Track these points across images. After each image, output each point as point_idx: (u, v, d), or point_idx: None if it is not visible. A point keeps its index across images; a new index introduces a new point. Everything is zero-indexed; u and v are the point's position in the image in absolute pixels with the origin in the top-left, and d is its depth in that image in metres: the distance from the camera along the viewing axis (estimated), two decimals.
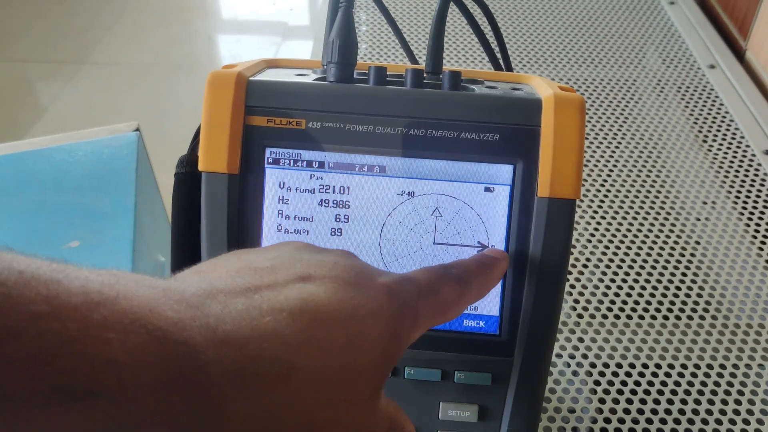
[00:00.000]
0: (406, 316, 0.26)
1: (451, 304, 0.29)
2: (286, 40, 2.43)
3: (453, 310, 0.29)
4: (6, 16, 2.52)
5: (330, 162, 0.35)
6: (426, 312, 0.27)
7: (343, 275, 0.25)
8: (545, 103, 0.34)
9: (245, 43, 2.42)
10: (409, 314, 0.26)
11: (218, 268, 0.25)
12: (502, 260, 0.33)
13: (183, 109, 2.08)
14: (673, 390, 0.50)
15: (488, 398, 0.35)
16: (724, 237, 0.62)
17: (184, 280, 0.23)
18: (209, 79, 0.34)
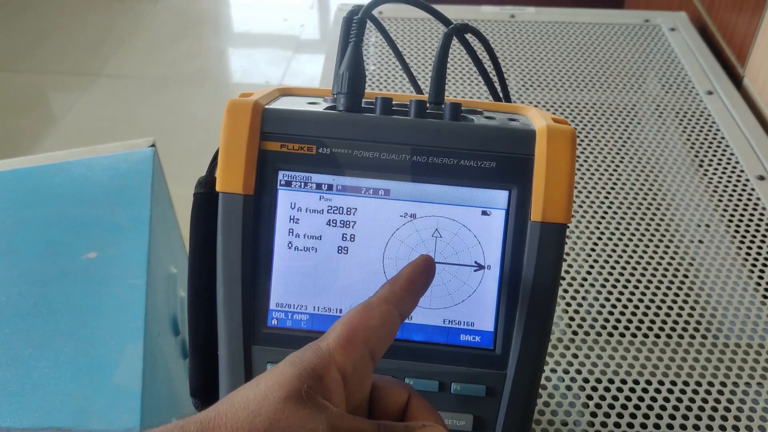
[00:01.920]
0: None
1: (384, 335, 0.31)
2: (297, 54, 2.47)
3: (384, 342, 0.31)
4: (23, 28, 2.57)
5: (338, 185, 0.37)
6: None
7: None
8: (539, 134, 0.36)
9: (257, 58, 2.46)
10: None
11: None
12: (427, 268, 0.34)
13: (195, 122, 2.12)
14: (662, 405, 0.52)
15: (482, 409, 0.38)
16: (717, 259, 0.64)
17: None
18: (228, 106, 0.37)
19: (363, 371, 0.30)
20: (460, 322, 0.38)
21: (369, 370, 0.30)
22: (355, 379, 0.29)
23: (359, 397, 0.31)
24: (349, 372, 0.29)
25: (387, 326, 0.31)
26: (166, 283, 0.72)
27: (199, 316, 0.39)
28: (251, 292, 0.38)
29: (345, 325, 0.30)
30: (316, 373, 0.28)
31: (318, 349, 0.29)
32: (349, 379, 0.29)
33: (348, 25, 0.40)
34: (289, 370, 0.28)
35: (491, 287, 0.37)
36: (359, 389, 0.30)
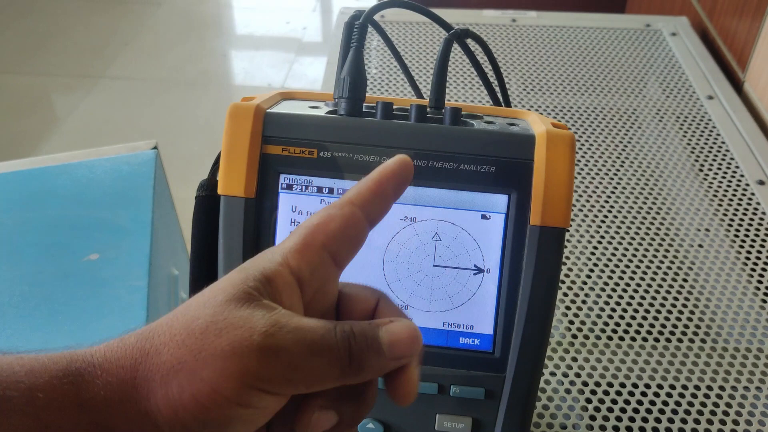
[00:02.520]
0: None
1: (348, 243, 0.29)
2: (299, 57, 2.48)
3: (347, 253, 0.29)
4: (27, 30, 2.58)
5: (339, 188, 0.38)
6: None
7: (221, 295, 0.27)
8: (538, 139, 0.37)
9: (259, 61, 2.47)
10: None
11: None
12: (396, 168, 0.30)
13: (197, 124, 2.12)
14: (661, 409, 0.52)
15: (481, 411, 0.38)
16: (716, 263, 0.64)
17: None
18: (230, 110, 0.37)
19: (324, 275, 0.28)
20: (460, 325, 0.38)
21: (332, 274, 0.28)
22: (315, 284, 0.28)
23: (324, 303, 0.29)
24: (305, 275, 0.27)
25: (350, 229, 0.28)
26: (167, 285, 0.73)
27: None
28: None
29: (303, 228, 0.28)
30: (265, 276, 0.26)
31: (271, 253, 0.28)
32: (307, 283, 0.27)
33: (349, 30, 0.40)
34: (235, 275, 0.27)
35: (490, 291, 0.38)
36: (322, 296, 0.28)
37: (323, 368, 0.25)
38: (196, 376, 0.24)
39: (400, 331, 0.27)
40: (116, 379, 0.24)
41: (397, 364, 0.27)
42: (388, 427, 0.38)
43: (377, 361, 0.26)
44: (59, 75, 2.37)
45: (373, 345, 0.26)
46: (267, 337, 0.24)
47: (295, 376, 0.25)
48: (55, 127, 2.13)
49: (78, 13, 2.69)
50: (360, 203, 0.29)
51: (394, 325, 0.27)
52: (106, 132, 2.09)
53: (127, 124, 2.14)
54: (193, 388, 0.24)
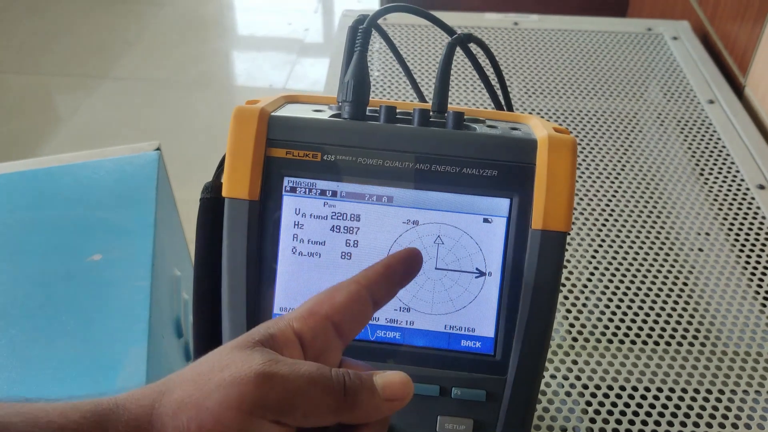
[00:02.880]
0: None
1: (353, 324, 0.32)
2: (300, 58, 2.48)
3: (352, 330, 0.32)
4: (29, 30, 2.59)
5: (342, 191, 0.38)
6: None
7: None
8: (540, 144, 0.37)
9: (261, 61, 2.47)
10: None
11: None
12: (412, 258, 0.34)
13: (199, 124, 2.13)
14: (661, 412, 0.52)
15: (482, 413, 0.38)
16: (716, 267, 0.65)
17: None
18: (235, 113, 0.38)
19: (326, 343, 0.30)
20: (461, 327, 0.38)
21: (334, 344, 0.31)
22: (316, 349, 0.30)
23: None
24: (307, 339, 0.30)
25: (354, 305, 0.31)
26: (170, 286, 0.73)
27: (204, 318, 0.40)
28: (256, 296, 0.38)
29: (311, 300, 0.31)
30: (268, 332, 0.29)
31: (278, 318, 0.31)
32: (308, 347, 0.30)
33: (353, 34, 0.41)
34: (243, 335, 0.30)
35: (492, 294, 0.38)
36: (324, 362, 0.30)
37: (318, 396, 0.27)
38: (202, 407, 0.26)
39: (393, 376, 0.29)
40: (136, 416, 0.27)
41: (390, 406, 0.29)
42: (390, 429, 0.39)
43: (371, 399, 0.28)
44: (62, 75, 2.37)
45: (368, 383, 0.29)
46: (264, 366, 0.27)
47: (291, 404, 0.27)
48: (57, 127, 2.13)
49: (81, 13, 2.69)
50: (366, 284, 0.32)
51: (386, 372, 0.30)
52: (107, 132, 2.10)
53: (128, 124, 2.14)
54: (199, 418, 0.26)
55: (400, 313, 0.39)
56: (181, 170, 1.24)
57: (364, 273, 0.32)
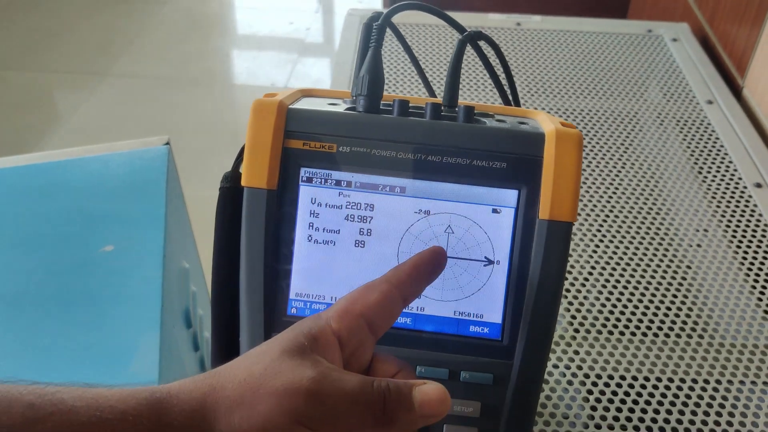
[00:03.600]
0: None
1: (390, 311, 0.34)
2: (302, 57, 2.49)
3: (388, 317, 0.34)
4: (32, 27, 2.60)
5: (357, 182, 0.39)
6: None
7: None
8: (548, 137, 0.38)
9: (262, 60, 2.48)
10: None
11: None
12: (437, 257, 0.36)
13: (201, 121, 2.14)
14: (660, 401, 0.54)
15: (490, 396, 0.40)
16: (714, 263, 0.66)
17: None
18: (254, 106, 0.39)
19: (360, 340, 0.32)
20: (470, 314, 0.40)
21: (368, 341, 0.33)
22: (352, 345, 0.32)
23: (359, 364, 0.33)
24: (344, 337, 0.32)
25: (386, 303, 0.33)
26: (179, 277, 0.74)
27: (223, 303, 0.41)
28: (273, 281, 0.40)
29: (345, 299, 0.33)
30: (312, 334, 0.31)
31: (317, 317, 0.32)
32: (345, 344, 0.32)
33: (368, 30, 0.42)
34: (287, 332, 0.32)
35: (500, 281, 0.40)
36: (358, 357, 0.33)
37: (359, 416, 0.29)
38: (254, 409, 0.28)
39: (432, 392, 0.31)
40: (189, 407, 0.28)
41: (425, 422, 0.31)
42: None
43: (408, 416, 0.30)
44: (64, 72, 2.38)
45: (406, 402, 0.30)
46: (314, 383, 0.29)
47: (334, 419, 0.29)
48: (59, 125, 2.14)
49: (83, 11, 2.70)
50: (396, 283, 0.34)
51: (426, 386, 0.31)
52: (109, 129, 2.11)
53: (130, 121, 2.15)
54: (252, 419, 0.28)
55: None
56: (182, 167, 1.25)
57: (393, 272, 0.34)
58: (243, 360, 0.31)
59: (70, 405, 0.27)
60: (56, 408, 0.27)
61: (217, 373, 0.30)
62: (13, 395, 0.27)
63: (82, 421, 0.27)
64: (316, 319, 0.32)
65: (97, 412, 0.27)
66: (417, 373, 0.40)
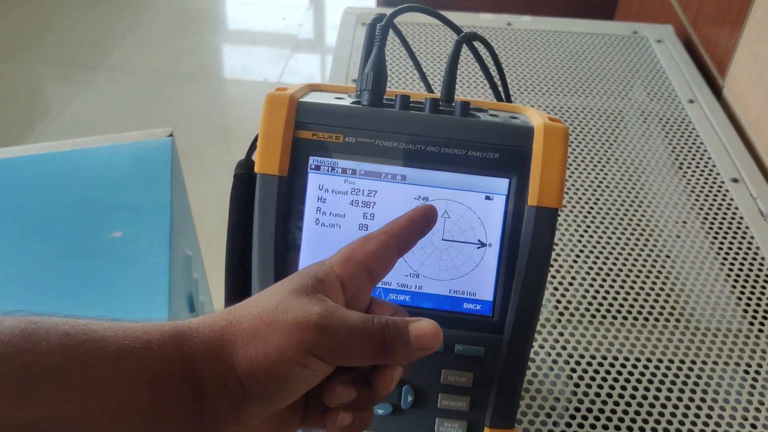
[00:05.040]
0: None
1: (383, 258, 0.37)
2: (294, 53, 2.52)
3: (384, 265, 0.37)
4: (25, 20, 2.61)
5: (361, 170, 0.43)
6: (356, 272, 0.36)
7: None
8: (536, 131, 0.42)
9: (256, 56, 2.51)
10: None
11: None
12: (428, 213, 0.40)
13: (194, 116, 2.16)
14: (638, 379, 0.58)
15: (481, 367, 0.43)
16: (692, 252, 0.70)
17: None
18: (267, 99, 0.42)
19: (360, 284, 0.36)
20: (464, 292, 0.43)
21: (367, 286, 0.36)
22: (353, 289, 0.36)
23: (359, 307, 0.36)
24: (346, 281, 0.35)
25: (383, 252, 0.37)
26: (183, 263, 0.78)
27: (235, 281, 0.44)
28: (282, 260, 0.43)
29: (347, 248, 0.37)
30: (317, 277, 0.35)
31: (322, 263, 0.36)
32: (347, 287, 0.35)
33: (372, 30, 0.45)
34: (295, 276, 0.35)
35: (492, 262, 0.43)
36: (358, 301, 0.36)
37: (362, 347, 0.33)
38: (269, 340, 0.31)
39: (426, 327, 0.35)
40: (209, 339, 0.32)
41: (421, 353, 0.35)
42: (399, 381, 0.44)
43: (404, 348, 0.34)
44: (57, 65, 2.40)
45: (403, 335, 0.34)
46: (322, 318, 0.32)
47: (341, 350, 0.32)
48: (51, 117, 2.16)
49: (76, 4, 2.72)
50: (393, 234, 0.37)
51: (421, 322, 0.35)
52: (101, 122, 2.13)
53: (122, 115, 2.17)
54: (266, 349, 0.31)
55: (410, 279, 0.44)
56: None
57: (390, 225, 0.38)
58: (256, 298, 0.34)
59: (101, 335, 0.30)
60: (89, 337, 0.30)
61: (233, 309, 0.33)
62: (50, 325, 0.30)
63: (112, 349, 0.29)
64: (321, 264, 0.36)
65: (125, 341, 0.30)
66: None
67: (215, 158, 1.98)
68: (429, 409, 0.43)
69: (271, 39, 2.63)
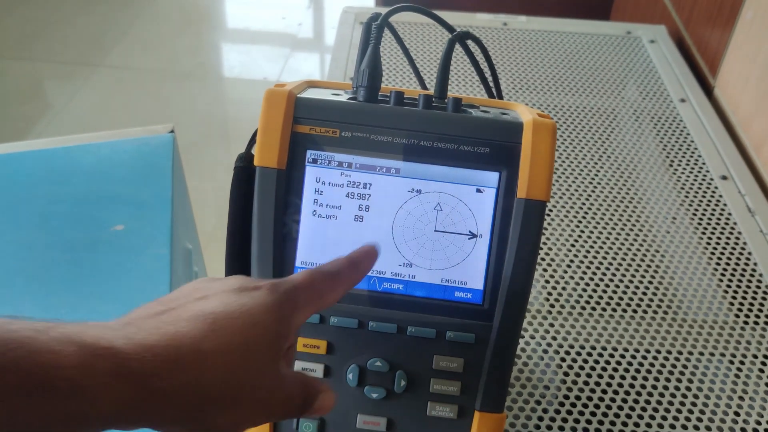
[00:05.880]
0: (285, 304, 0.34)
1: (326, 292, 0.37)
2: (294, 52, 2.54)
3: (329, 296, 0.37)
4: (27, 17, 2.62)
5: (357, 163, 0.45)
6: (304, 299, 0.36)
7: (229, 289, 0.34)
8: (526, 126, 0.44)
9: (255, 55, 2.52)
10: (288, 303, 0.35)
11: (137, 309, 0.34)
12: (370, 254, 0.40)
13: (194, 114, 2.18)
14: (626, 369, 0.59)
15: (472, 354, 0.45)
16: (680, 247, 0.72)
17: (108, 321, 0.32)
18: (266, 95, 0.44)
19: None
20: (455, 281, 0.45)
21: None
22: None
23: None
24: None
25: (328, 301, 0.38)
26: (184, 257, 0.79)
27: (235, 270, 0.46)
28: (281, 250, 0.45)
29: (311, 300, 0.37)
30: (297, 306, 0.35)
31: (294, 282, 0.37)
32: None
33: (368, 29, 0.47)
34: (268, 297, 0.35)
35: (482, 253, 0.45)
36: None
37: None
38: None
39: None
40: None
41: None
42: (393, 366, 0.45)
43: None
44: (57, 62, 2.41)
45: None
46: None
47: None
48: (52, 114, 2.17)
49: (78, 2, 2.73)
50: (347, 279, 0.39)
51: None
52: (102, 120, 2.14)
53: (123, 113, 2.19)
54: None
55: (404, 268, 0.45)
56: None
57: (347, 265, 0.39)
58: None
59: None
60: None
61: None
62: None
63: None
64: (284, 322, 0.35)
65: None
66: (408, 333, 0.45)
67: (214, 156, 1.99)
68: (421, 393, 0.45)
69: (270, 38, 2.65)
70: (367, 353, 0.45)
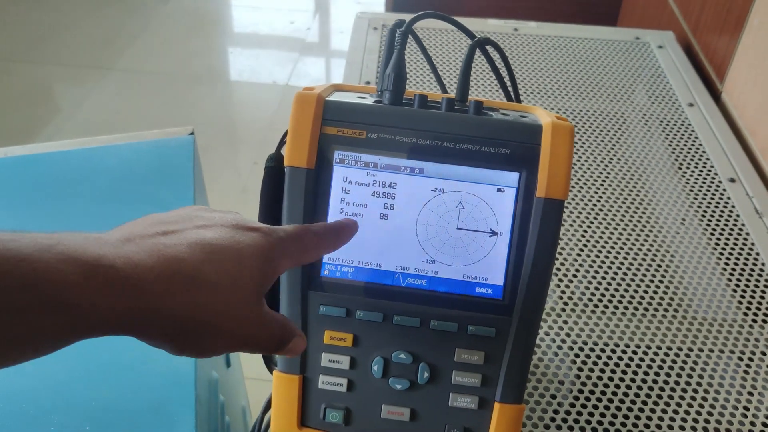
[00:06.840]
0: (274, 248, 0.37)
1: (309, 248, 0.40)
2: (302, 56, 2.56)
3: (311, 253, 0.41)
4: (39, 21, 2.65)
5: (382, 164, 0.46)
6: (290, 249, 0.39)
7: (228, 224, 0.37)
8: (545, 129, 0.46)
9: (264, 59, 2.55)
10: (278, 248, 0.38)
11: (136, 224, 0.36)
12: (350, 227, 0.44)
13: (203, 117, 2.20)
14: (638, 365, 0.61)
15: (492, 347, 0.47)
16: (689, 248, 0.74)
17: (110, 233, 0.34)
18: (296, 98, 0.46)
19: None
20: (477, 277, 0.47)
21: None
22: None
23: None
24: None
25: (309, 257, 0.41)
26: None
27: None
28: None
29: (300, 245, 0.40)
30: (284, 253, 0.39)
31: (286, 232, 0.40)
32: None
33: (392, 35, 0.49)
34: (260, 238, 0.38)
35: (502, 250, 0.47)
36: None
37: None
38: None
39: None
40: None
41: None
42: (416, 358, 0.47)
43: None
44: (68, 65, 2.44)
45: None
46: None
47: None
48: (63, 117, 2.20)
49: (88, 6, 2.76)
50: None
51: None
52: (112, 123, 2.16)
53: (133, 116, 2.21)
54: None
55: (427, 264, 0.47)
56: None
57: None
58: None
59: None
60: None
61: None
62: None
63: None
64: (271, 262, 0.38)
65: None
66: (431, 326, 0.47)
67: (224, 159, 2.02)
68: (444, 385, 0.47)
69: (279, 42, 2.67)
70: (392, 346, 0.47)
